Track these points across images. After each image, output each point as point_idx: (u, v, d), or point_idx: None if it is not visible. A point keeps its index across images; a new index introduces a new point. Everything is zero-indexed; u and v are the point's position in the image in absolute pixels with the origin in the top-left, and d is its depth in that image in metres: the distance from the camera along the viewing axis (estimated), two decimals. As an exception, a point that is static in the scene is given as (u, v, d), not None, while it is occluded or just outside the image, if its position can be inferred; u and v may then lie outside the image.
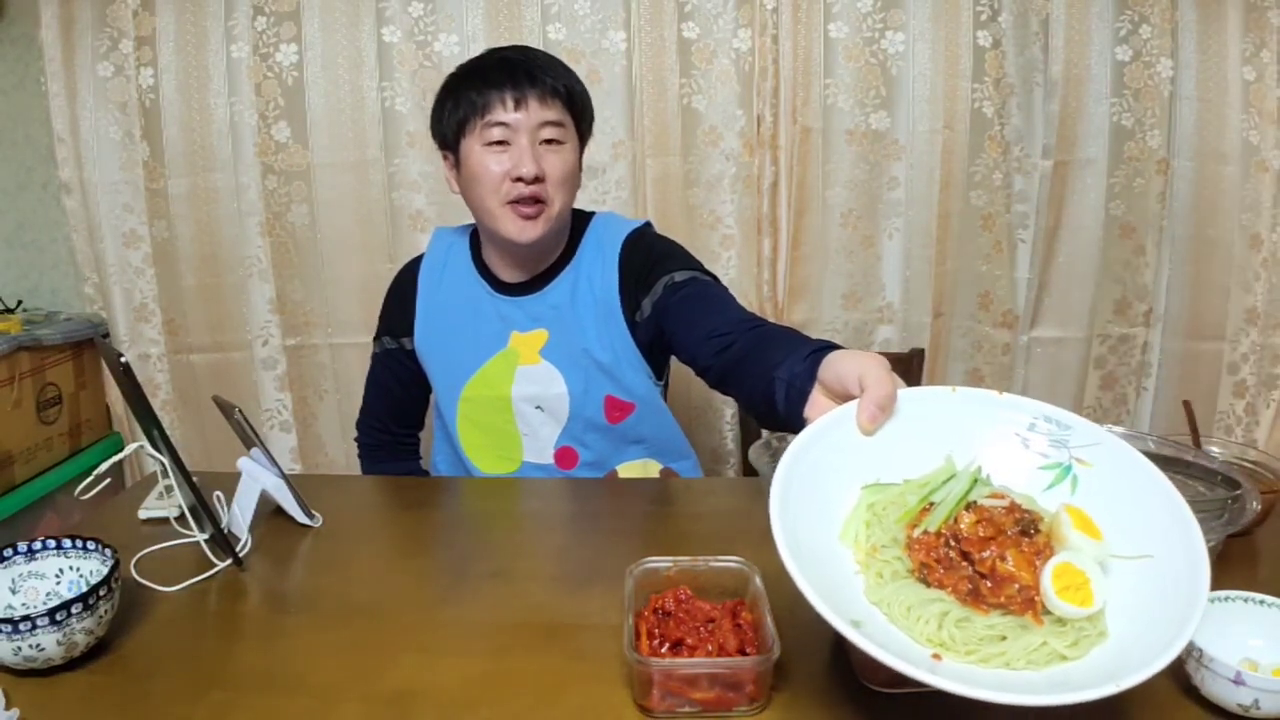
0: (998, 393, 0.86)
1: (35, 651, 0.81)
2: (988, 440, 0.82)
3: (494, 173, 1.26)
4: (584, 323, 1.35)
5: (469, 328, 1.38)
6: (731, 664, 0.78)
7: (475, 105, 1.25)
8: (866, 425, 0.79)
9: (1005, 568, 0.70)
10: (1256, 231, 1.97)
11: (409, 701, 0.81)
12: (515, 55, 1.29)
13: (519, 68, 1.26)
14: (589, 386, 1.35)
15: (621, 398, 1.37)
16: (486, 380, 1.37)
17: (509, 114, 1.24)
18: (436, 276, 1.42)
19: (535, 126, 1.25)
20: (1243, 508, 0.89)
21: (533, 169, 1.24)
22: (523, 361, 1.36)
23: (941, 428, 0.82)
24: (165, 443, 0.99)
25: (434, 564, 1.09)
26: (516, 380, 1.37)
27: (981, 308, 2.04)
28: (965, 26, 1.87)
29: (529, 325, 1.37)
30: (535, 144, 1.26)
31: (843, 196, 1.97)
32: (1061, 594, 0.67)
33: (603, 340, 1.34)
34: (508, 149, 1.25)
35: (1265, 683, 0.72)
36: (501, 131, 1.25)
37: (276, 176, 1.99)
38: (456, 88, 1.29)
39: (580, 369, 1.35)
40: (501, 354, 1.37)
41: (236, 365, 2.12)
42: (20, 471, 1.92)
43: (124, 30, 1.93)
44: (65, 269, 2.21)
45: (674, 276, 1.30)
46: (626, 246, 1.36)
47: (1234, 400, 2.07)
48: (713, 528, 1.15)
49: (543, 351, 1.36)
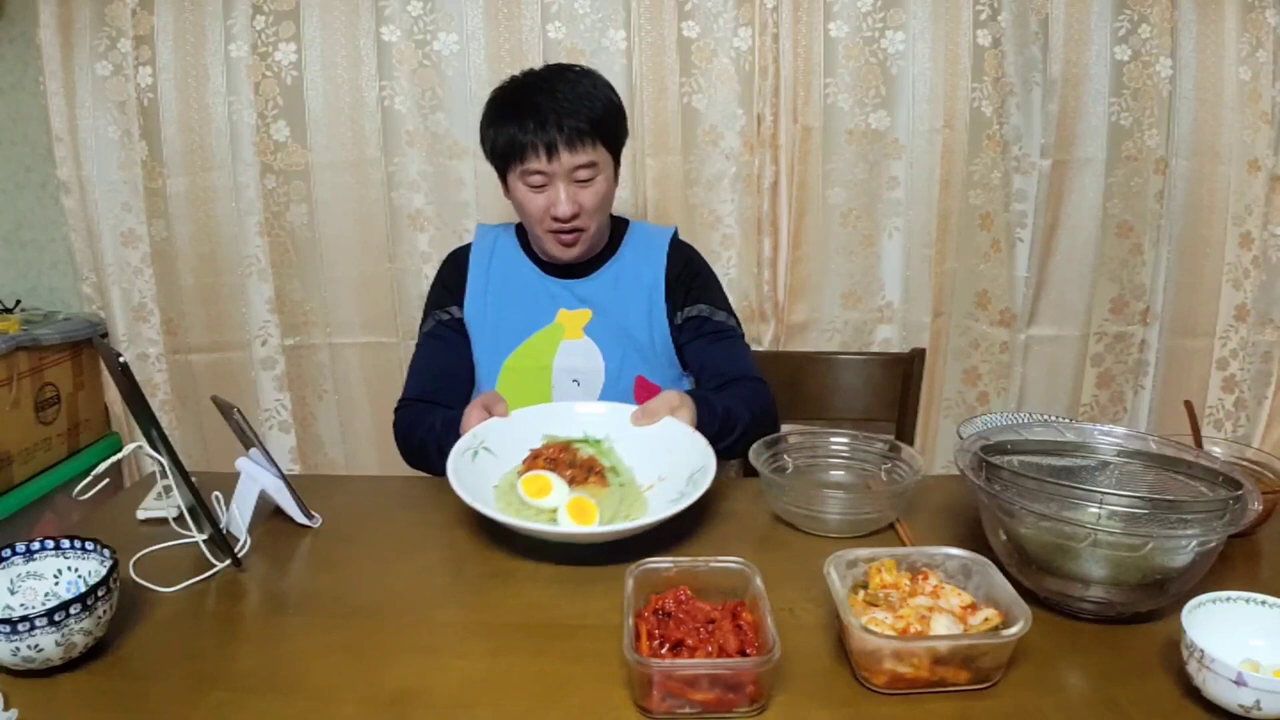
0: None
1: (34, 652, 0.81)
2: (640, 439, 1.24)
3: (536, 208, 1.38)
4: (628, 305, 1.48)
5: (519, 301, 1.49)
6: (732, 665, 0.78)
7: (513, 151, 1.35)
8: (632, 419, 1.25)
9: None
10: (1248, 230, 1.98)
11: (408, 702, 0.81)
12: (545, 100, 1.33)
13: (549, 115, 1.32)
14: (624, 365, 1.45)
15: (651, 379, 1.47)
16: (532, 351, 1.46)
17: (542, 164, 1.34)
18: (486, 257, 1.53)
19: (568, 171, 1.35)
20: (1244, 508, 0.89)
21: (568, 210, 1.36)
22: (567, 336, 1.47)
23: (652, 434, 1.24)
24: (164, 443, 0.99)
25: (434, 564, 1.09)
26: (559, 353, 1.46)
27: (979, 306, 2.04)
28: (965, 26, 1.87)
29: (575, 304, 1.48)
30: (570, 184, 1.36)
31: (843, 196, 1.97)
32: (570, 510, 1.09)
33: (644, 322, 1.48)
34: (545, 190, 1.36)
35: (1267, 683, 0.72)
36: (539, 178, 1.35)
37: (275, 176, 1.99)
38: (496, 119, 1.37)
39: (618, 347, 1.45)
40: (548, 328, 1.47)
41: (235, 365, 2.12)
42: (19, 472, 1.92)
43: (122, 29, 1.93)
44: (63, 269, 2.21)
45: (709, 315, 1.49)
46: (673, 246, 1.52)
47: (1223, 395, 2.09)
48: (713, 528, 1.15)
49: (587, 328, 1.47)
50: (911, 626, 0.82)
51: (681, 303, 1.50)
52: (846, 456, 1.28)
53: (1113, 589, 0.89)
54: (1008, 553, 0.96)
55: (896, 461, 1.22)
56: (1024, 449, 1.07)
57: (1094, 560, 0.88)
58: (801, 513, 1.14)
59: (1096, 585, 0.89)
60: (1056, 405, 2.05)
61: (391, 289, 2.04)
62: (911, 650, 0.79)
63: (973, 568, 0.91)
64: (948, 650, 0.79)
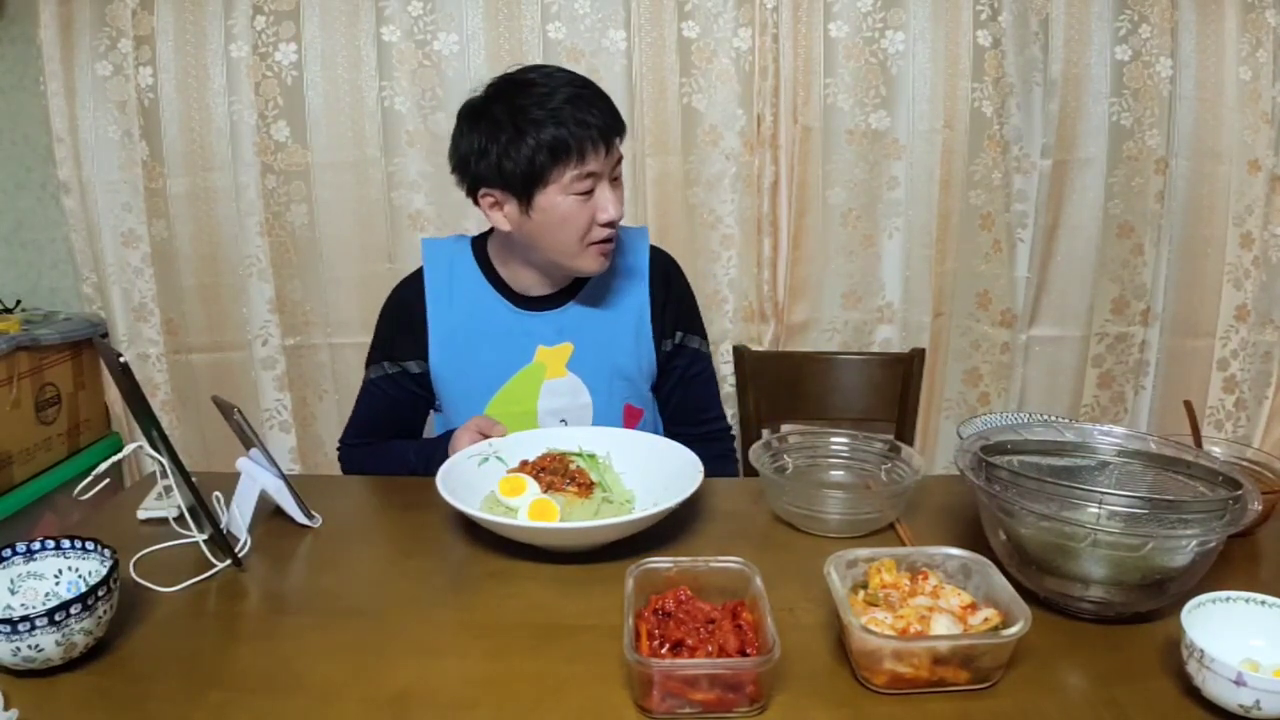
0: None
1: (34, 652, 0.81)
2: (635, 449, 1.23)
3: (583, 218, 1.24)
4: (613, 333, 1.38)
5: (491, 345, 1.36)
6: (732, 665, 0.78)
7: (562, 152, 1.19)
8: None
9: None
10: (1248, 230, 1.98)
11: (408, 702, 0.81)
12: (580, 91, 1.22)
13: (588, 110, 1.20)
14: (612, 396, 1.39)
15: (636, 404, 1.42)
16: (512, 396, 1.37)
17: (599, 161, 1.23)
18: (444, 295, 1.37)
19: (611, 168, 1.26)
20: (1244, 508, 0.89)
21: (618, 212, 1.26)
22: (549, 375, 1.37)
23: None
24: (164, 443, 0.99)
25: (434, 564, 1.09)
26: (542, 394, 1.37)
27: (980, 306, 2.04)
28: (965, 26, 1.87)
29: (555, 339, 1.37)
30: (610, 184, 1.26)
31: (843, 196, 1.97)
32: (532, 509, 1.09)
33: (631, 351, 1.39)
34: (591, 195, 1.24)
35: (1266, 683, 0.72)
36: (589, 181, 1.23)
37: (276, 176, 1.99)
38: (526, 129, 1.19)
39: (605, 380, 1.38)
40: (528, 369, 1.37)
41: (235, 365, 2.12)
42: (19, 472, 1.92)
43: (123, 29, 1.93)
44: (64, 269, 2.21)
45: (699, 348, 1.46)
46: (653, 261, 1.41)
47: (1224, 396, 2.09)
48: (713, 528, 1.15)
49: (569, 364, 1.37)
50: (911, 626, 0.82)
51: (670, 329, 1.42)
52: (846, 456, 1.28)
53: (1113, 589, 0.89)
54: (1007, 553, 0.96)
55: (896, 461, 1.22)
56: (1024, 449, 1.07)
57: (1094, 560, 0.88)
58: (801, 513, 1.14)
59: (1096, 585, 0.89)
60: (1057, 406, 2.05)
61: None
62: (911, 650, 0.79)
63: (972, 568, 0.91)
64: (948, 650, 0.79)
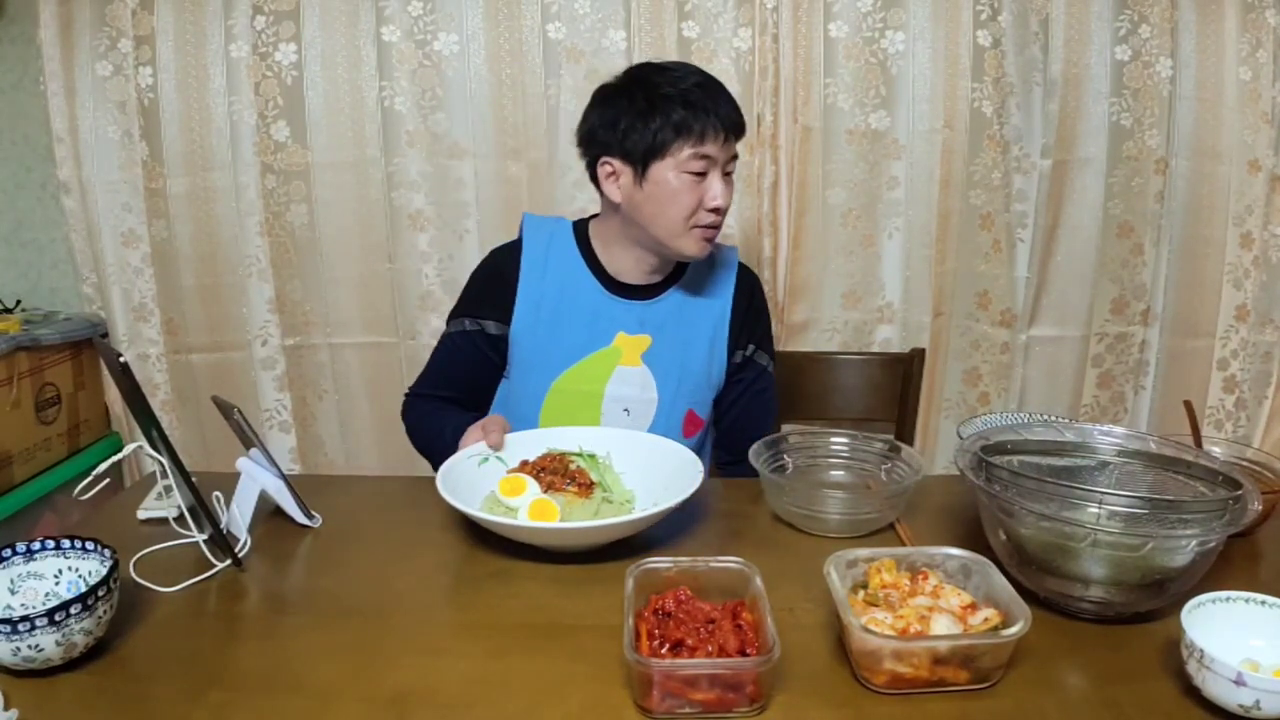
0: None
1: (34, 652, 0.81)
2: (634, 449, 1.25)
3: (691, 199, 1.28)
4: (692, 335, 1.41)
5: (576, 320, 1.39)
6: (732, 665, 0.78)
7: (685, 131, 1.25)
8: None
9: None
10: (1248, 230, 1.98)
11: (408, 702, 0.81)
12: (711, 82, 1.29)
13: (720, 104, 1.27)
14: (678, 398, 1.40)
15: (699, 414, 1.43)
16: (583, 375, 1.39)
17: (716, 147, 1.27)
18: (539, 266, 1.40)
19: (727, 160, 1.30)
20: (1244, 508, 0.89)
21: (727, 200, 1.30)
22: (624, 362, 1.39)
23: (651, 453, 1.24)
24: (164, 443, 0.99)
25: (434, 564, 1.09)
26: (613, 379, 1.39)
27: (980, 306, 2.04)
28: (965, 26, 1.87)
29: (636, 329, 1.39)
30: (723, 175, 1.30)
31: (843, 196, 1.97)
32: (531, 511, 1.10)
33: (705, 356, 1.41)
34: (704, 179, 1.28)
35: (1266, 683, 0.72)
36: (703, 164, 1.27)
37: (276, 176, 1.99)
38: (658, 104, 1.26)
39: (674, 379, 1.40)
40: (604, 351, 1.39)
41: (235, 365, 2.12)
42: (19, 472, 1.92)
43: (123, 29, 1.93)
44: (64, 268, 2.21)
45: (767, 366, 1.47)
46: (741, 274, 1.45)
47: (1224, 396, 2.09)
48: (713, 528, 1.16)
49: (645, 355, 1.39)
50: (911, 626, 0.82)
51: (744, 341, 1.45)
52: (846, 456, 1.28)
53: (1112, 589, 0.89)
54: (1007, 553, 0.96)
55: (896, 461, 1.23)
56: (1024, 449, 1.07)
57: (1094, 560, 0.88)
58: (801, 513, 1.14)
59: (1096, 585, 0.89)
60: (1057, 406, 2.05)
61: (391, 289, 2.03)
62: (911, 650, 0.79)
63: (972, 568, 0.91)
64: (947, 650, 0.79)
